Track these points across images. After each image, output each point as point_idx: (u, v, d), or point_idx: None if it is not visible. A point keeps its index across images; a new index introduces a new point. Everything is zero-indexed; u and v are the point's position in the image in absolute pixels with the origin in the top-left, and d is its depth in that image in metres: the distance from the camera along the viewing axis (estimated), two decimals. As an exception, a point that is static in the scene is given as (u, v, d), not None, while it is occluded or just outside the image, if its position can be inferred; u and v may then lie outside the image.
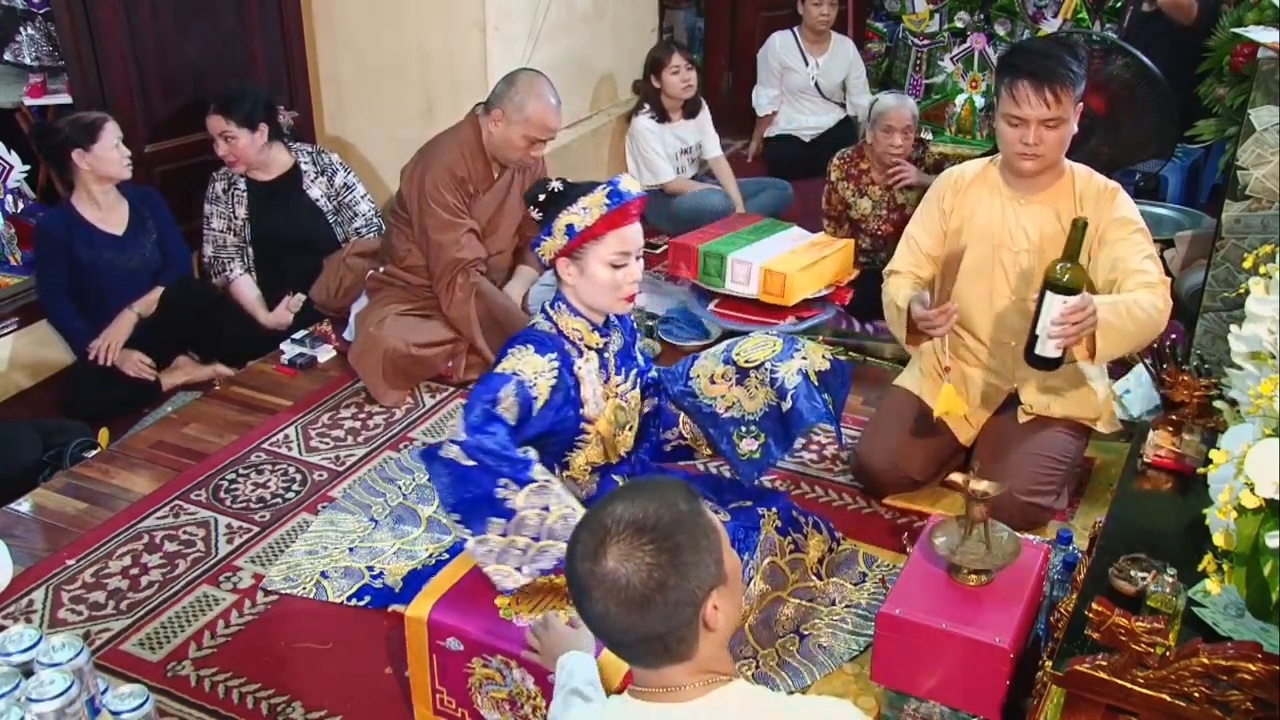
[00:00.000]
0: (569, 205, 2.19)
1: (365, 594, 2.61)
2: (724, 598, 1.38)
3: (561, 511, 2.02)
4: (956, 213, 2.81)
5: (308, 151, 4.01)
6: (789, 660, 2.38)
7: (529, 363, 2.16)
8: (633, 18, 5.14)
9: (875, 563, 2.69)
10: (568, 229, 2.19)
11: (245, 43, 4.13)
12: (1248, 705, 1.49)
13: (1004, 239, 2.75)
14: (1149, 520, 2.04)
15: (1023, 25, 5.72)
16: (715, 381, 2.43)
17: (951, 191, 2.83)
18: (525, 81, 3.41)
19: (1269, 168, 3.01)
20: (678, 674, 1.38)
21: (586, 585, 1.35)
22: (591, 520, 1.38)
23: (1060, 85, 2.54)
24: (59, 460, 3.14)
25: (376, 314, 3.52)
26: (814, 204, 4.50)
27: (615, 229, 2.19)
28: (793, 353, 2.40)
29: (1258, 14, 3.77)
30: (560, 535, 2.01)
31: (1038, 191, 2.72)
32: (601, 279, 2.21)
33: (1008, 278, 2.76)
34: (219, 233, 3.86)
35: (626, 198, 2.19)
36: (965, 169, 2.87)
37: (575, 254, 2.21)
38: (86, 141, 3.45)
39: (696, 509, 1.38)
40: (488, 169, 3.53)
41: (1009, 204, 2.75)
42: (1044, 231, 2.71)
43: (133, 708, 1.89)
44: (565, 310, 2.26)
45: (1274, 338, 1.71)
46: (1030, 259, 2.73)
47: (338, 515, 2.92)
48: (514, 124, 3.39)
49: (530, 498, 2.01)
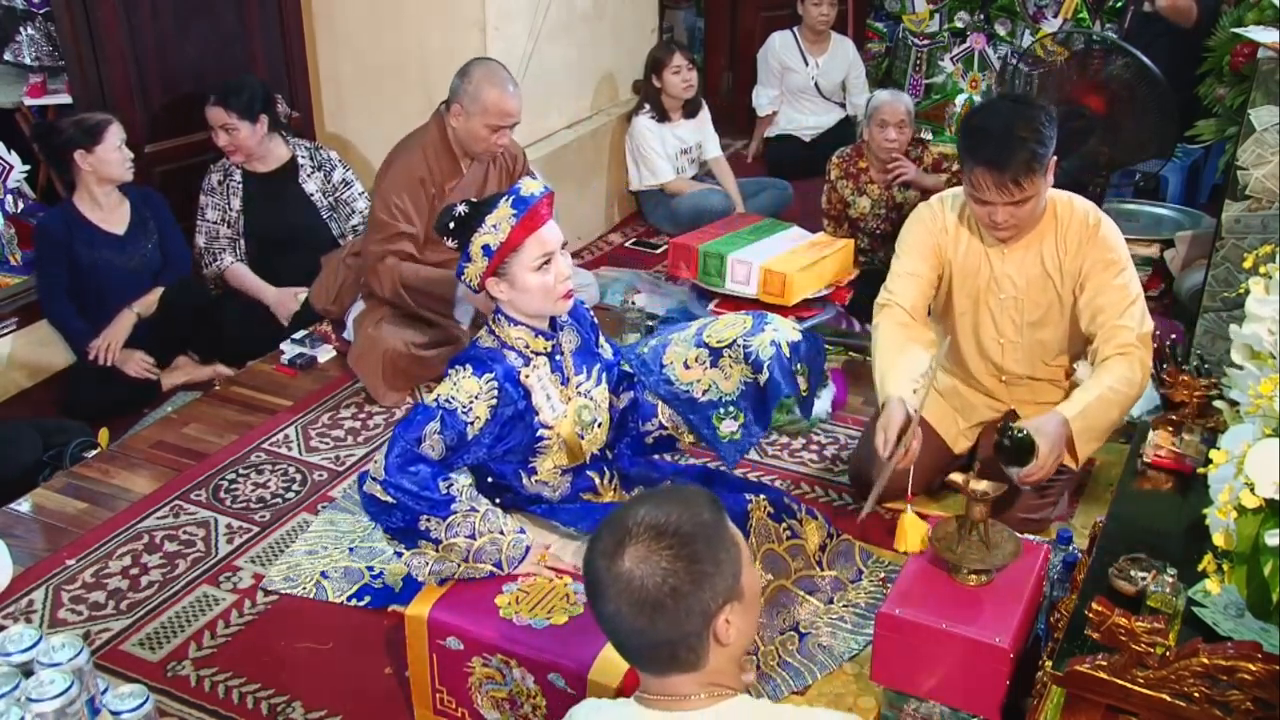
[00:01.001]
0: (478, 227, 2.18)
1: (365, 594, 2.61)
2: (738, 614, 1.38)
3: (490, 536, 2.16)
4: (946, 254, 2.72)
5: (305, 147, 4.01)
6: (789, 660, 2.38)
7: (464, 388, 2.15)
8: (633, 18, 5.14)
9: (871, 558, 2.69)
10: (484, 250, 2.18)
11: (245, 43, 4.13)
12: (1248, 705, 1.49)
13: (990, 285, 2.69)
14: (1149, 520, 2.04)
15: (1023, 25, 5.73)
16: (689, 366, 2.42)
17: (938, 233, 2.71)
18: (479, 72, 3.42)
19: (1269, 168, 3.01)
20: (684, 683, 1.38)
21: (601, 583, 1.36)
22: (614, 520, 1.38)
23: (1022, 174, 2.41)
24: (59, 460, 3.14)
25: (375, 314, 3.52)
26: (814, 204, 4.50)
27: (531, 234, 2.18)
28: (763, 326, 2.41)
29: (1258, 14, 3.76)
30: (489, 556, 2.16)
31: (1020, 236, 2.63)
32: (533, 285, 2.19)
33: (994, 320, 2.73)
34: (213, 224, 3.86)
35: (531, 201, 2.17)
36: (941, 213, 2.72)
37: (500, 270, 2.20)
38: (89, 142, 3.45)
39: (720, 521, 1.39)
40: (454, 164, 3.54)
41: (991, 251, 2.67)
42: (1029, 276, 2.65)
43: (133, 708, 1.89)
44: (505, 322, 2.25)
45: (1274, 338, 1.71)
46: (1016, 304, 2.69)
47: (338, 515, 2.92)
48: (473, 115, 3.41)
49: (454, 528, 2.13)
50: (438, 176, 3.51)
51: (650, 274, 4.42)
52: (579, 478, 2.38)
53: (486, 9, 4.19)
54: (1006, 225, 2.53)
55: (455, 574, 2.17)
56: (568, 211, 4.53)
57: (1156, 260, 4.14)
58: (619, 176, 5.02)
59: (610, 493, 2.43)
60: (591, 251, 4.78)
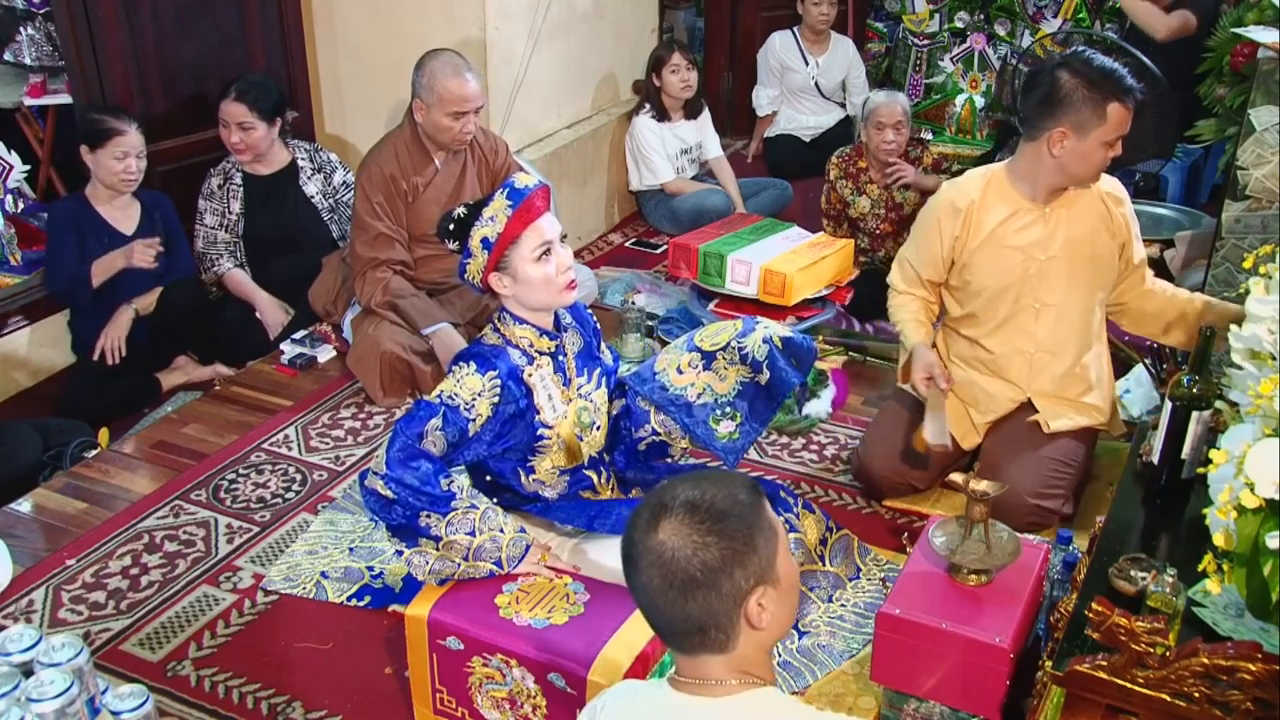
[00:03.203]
0: (476, 223, 2.21)
1: (365, 594, 2.61)
2: (772, 600, 1.38)
3: (490, 534, 2.15)
4: (964, 242, 2.76)
5: (306, 149, 4.01)
6: (789, 659, 2.38)
7: (467, 385, 2.16)
8: (633, 18, 5.14)
9: (870, 555, 2.70)
10: (483, 243, 2.20)
11: (245, 43, 4.13)
12: (1248, 705, 1.49)
13: (1029, 249, 2.72)
14: (1149, 520, 2.04)
15: (1023, 25, 5.72)
16: (683, 371, 2.45)
17: (950, 217, 2.76)
18: (432, 63, 3.45)
19: (1269, 168, 3.01)
20: (715, 666, 1.39)
21: (636, 556, 1.38)
22: (653, 496, 1.40)
23: None
24: (59, 460, 3.14)
25: (375, 316, 3.52)
26: (814, 204, 4.51)
27: (527, 225, 2.20)
28: (754, 327, 2.46)
29: (1258, 14, 3.77)
30: (489, 555, 2.15)
31: (1059, 195, 2.72)
32: (534, 277, 2.21)
33: (1032, 287, 2.75)
34: (210, 228, 3.86)
35: (526, 192, 2.20)
36: (964, 190, 2.77)
37: (500, 264, 2.21)
38: (93, 143, 3.47)
39: (758, 504, 1.40)
40: (426, 159, 3.56)
41: (1030, 213, 2.72)
42: (1070, 235, 2.71)
43: (133, 708, 1.89)
44: (510, 320, 2.26)
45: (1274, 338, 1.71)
46: (1058, 264, 2.72)
47: (338, 515, 2.92)
48: (433, 106, 3.43)
49: (454, 525, 2.12)
50: (410, 173, 3.53)
51: (650, 274, 4.42)
52: (576, 477, 2.38)
53: (486, 9, 4.19)
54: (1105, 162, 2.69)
55: (455, 574, 2.17)
56: (568, 211, 4.53)
57: (1156, 260, 4.14)
58: (619, 176, 5.02)
59: (608, 491, 2.43)
60: (591, 251, 4.78)
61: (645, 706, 1.46)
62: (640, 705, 1.47)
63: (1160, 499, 2.08)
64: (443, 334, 3.45)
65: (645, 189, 4.90)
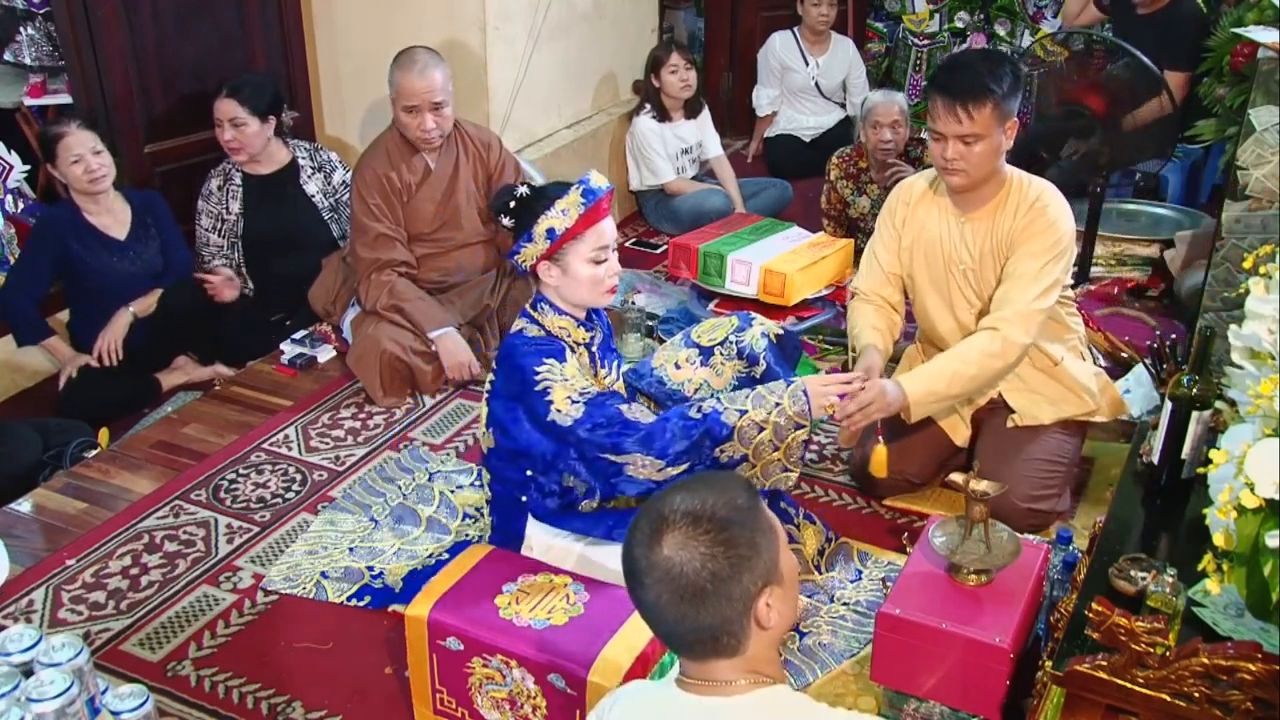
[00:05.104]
0: (545, 209, 2.23)
1: (365, 594, 2.61)
2: (778, 598, 1.38)
3: (769, 407, 2.25)
4: (908, 228, 2.80)
5: (305, 148, 4.01)
6: (790, 659, 2.38)
7: (568, 373, 2.23)
8: (633, 18, 5.14)
9: (870, 559, 2.70)
10: (549, 233, 2.22)
11: (245, 43, 4.13)
12: (1248, 705, 1.49)
13: (951, 255, 2.73)
14: (1149, 520, 2.04)
15: (1023, 25, 5.73)
16: (680, 366, 2.51)
17: (902, 205, 2.81)
18: (394, 63, 3.48)
19: (1269, 168, 3.00)
20: (725, 669, 1.39)
21: (640, 572, 1.37)
22: (650, 509, 1.39)
23: (973, 102, 2.48)
24: (59, 460, 3.14)
25: (375, 316, 3.52)
26: (814, 204, 4.51)
27: (592, 226, 2.24)
28: (750, 322, 2.52)
29: (1258, 14, 3.76)
30: (788, 421, 2.26)
31: (977, 207, 2.68)
32: (584, 276, 2.26)
33: (963, 291, 2.75)
34: (204, 230, 3.85)
35: (600, 194, 2.24)
36: (915, 182, 2.83)
37: (555, 256, 2.25)
38: (48, 157, 3.47)
39: (755, 505, 1.39)
40: (415, 159, 3.57)
41: (952, 219, 2.73)
42: (982, 248, 2.69)
43: (133, 708, 1.89)
44: (549, 310, 2.29)
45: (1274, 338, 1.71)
46: (974, 276, 2.72)
47: (338, 515, 2.92)
48: (395, 105, 3.46)
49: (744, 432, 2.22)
50: (403, 173, 3.55)
51: (650, 274, 4.42)
52: None
53: (486, 9, 4.19)
54: (956, 164, 2.57)
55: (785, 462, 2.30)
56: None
57: (1156, 260, 4.14)
58: (619, 176, 5.02)
59: None
60: (591, 251, 4.78)
61: (655, 707, 1.45)
62: (650, 706, 1.47)
63: (1160, 499, 2.08)
64: (448, 339, 3.45)
65: (645, 189, 4.89)
